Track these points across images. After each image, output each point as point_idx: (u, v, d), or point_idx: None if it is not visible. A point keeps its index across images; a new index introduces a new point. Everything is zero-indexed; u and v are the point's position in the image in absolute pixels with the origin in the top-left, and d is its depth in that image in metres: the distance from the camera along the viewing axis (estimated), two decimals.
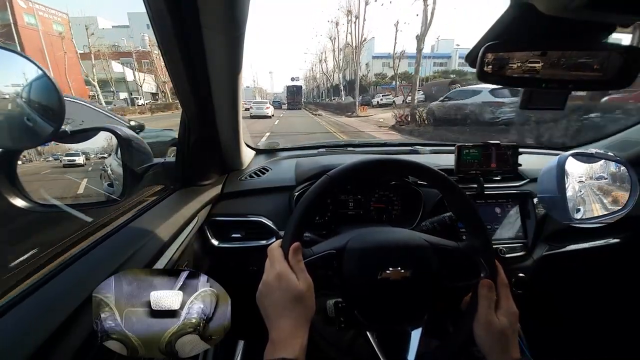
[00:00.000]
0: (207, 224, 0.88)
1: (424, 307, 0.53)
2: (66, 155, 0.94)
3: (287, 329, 0.42)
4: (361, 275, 0.50)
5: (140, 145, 0.69)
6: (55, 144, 0.98)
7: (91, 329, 0.39)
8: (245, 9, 0.53)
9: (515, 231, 0.97)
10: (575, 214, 0.81)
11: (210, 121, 0.79)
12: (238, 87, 0.72)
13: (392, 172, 0.92)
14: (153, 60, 29.57)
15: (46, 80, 0.47)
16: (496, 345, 0.46)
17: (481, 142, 0.94)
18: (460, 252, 0.54)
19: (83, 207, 0.69)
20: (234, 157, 0.99)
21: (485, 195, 0.95)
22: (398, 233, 0.57)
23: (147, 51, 31.46)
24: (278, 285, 0.44)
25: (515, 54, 0.42)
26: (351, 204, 0.97)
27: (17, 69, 0.46)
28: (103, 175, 0.80)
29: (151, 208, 0.73)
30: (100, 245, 0.55)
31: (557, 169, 0.79)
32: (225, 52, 0.61)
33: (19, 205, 0.57)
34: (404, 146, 1.34)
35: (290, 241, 0.47)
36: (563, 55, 0.41)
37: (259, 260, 0.53)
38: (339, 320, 0.59)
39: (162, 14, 0.52)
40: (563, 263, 1.03)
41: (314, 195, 0.50)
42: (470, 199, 0.53)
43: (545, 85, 0.43)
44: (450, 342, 0.52)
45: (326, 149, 1.34)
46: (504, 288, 0.49)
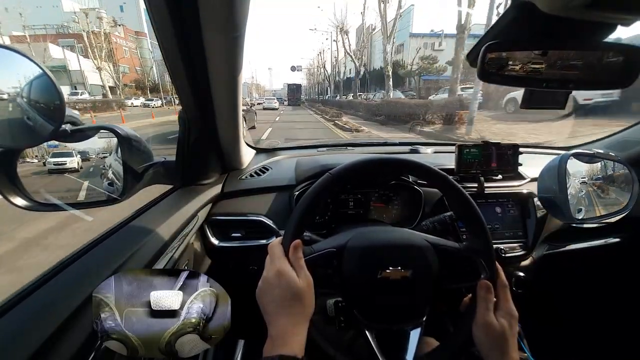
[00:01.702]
0: (207, 223, 0.88)
1: (424, 307, 0.53)
2: (52, 157, 0.68)
3: (286, 326, 0.42)
4: (361, 274, 0.50)
5: (140, 144, 0.69)
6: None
7: (91, 329, 0.39)
8: (245, 8, 0.53)
9: (515, 231, 0.97)
10: (577, 214, 0.81)
11: (210, 121, 0.79)
12: (238, 87, 0.72)
13: (392, 172, 0.92)
14: (112, 46, 23.46)
15: (46, 79, 0.47)
16: (495, 347, 0.46)
17: (481, 141, 0.95)
18: (460, 253, 0.54)
19: (83, 206, 0.69)
20: (234, 156, 0.99)
21: (486, 195, 0.95)
22: (398, 232, 0.57)
23: (105, 32, 24.67)
24: (278, 282, 0.44)
25: (516, 53, 0.42)
26: (351, 203, 0.97)
27: (17, 68, 0.46)
28: (103, 175, 0.80)
29: (151, 207, 0.73)
30: (100, 245, 0.55)
31: (558, 169, 0.79)
32: (225, 52, 0.60)
33: (19, 205, 0.57)
34: (404, 145, 1.34)
35: (291, 238, 0.47)
36: (564, 54, 0.41)
37: (259, 259, 0.53)
38: (339, 319, 0.59)
39: (162, 14, 0.52)
40: (563, 263, 1.03)
41: (314, 193, 0.50)
42: (471, 199, 0.53)
43: (545, 85, 0.43)
44: (449, 343, 0.52)
45: (327, 148, 1.34)
46: (504, 289, 0.49)
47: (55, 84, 0.48)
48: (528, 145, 1.27)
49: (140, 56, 40.56)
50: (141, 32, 43.12)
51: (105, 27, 25.93)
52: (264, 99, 31.29)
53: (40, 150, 0.69)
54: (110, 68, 25.88)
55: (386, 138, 4.31)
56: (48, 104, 0.49)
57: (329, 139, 7.07)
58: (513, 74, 0.42)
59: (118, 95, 26.84)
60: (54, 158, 0.68)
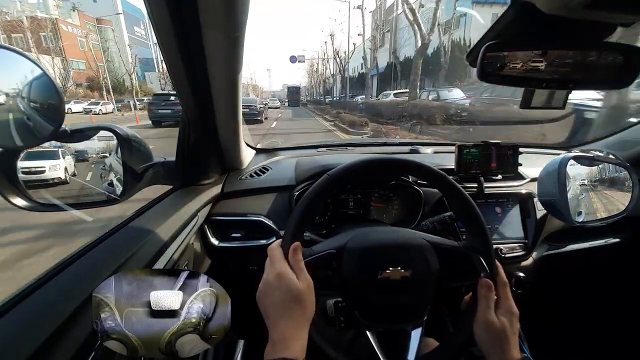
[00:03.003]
0: (207, 224, 0.88)
1: (424, 306, 0.53)
2: (26, 159, 0.50)
3: (287, 328, 0.41)
4: (361, 274, 0.50)
5: (140, 144, 0.69)
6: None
7: (91, 329, 0.39)
8: (245, 8, 0.53)
9: (515, 231, 0.97)
10: (577, 217, 0.81)
11: (210, 121, 0.79)
12: (238, 87, 0.72)
13: (392, 172, 0.92)
14: (60, 35, 17.02)
15: (46, 80, 0.47)
16: (496, 345, 0.46)
17: (481, 141, 0.95)
18: (460, 251, 0.54)
19: (83, 206, 0.69)
20: (234, 156, 0.99)
21: (486, 195, 0.95)
22: (398, 232, 0.57)
23: (51, 19, 18.75)
24: (278, 285, 0.43)
25: (516, 53, 0.42)
26: (351, 204, 0.97)
27: (17, 68, 0.46)
28: (103, 175, 0.80)
29: (151, 207, 0.73)
30: (100, 245, 0.55)
31: (558, 172, 0.79)
32: (226, 52, 0.60)
33: (19, 205, 0.57)
34: (404, 145, 1.34)
35: (290, 241, 0.47)
36: (563, 54, 0.41)
37: (259, 259, 0.53)
38: (339, 320, 0.59)
39: (162, 14, 0.52)
40: (563, 263, 1.03)
41: (314, 194, 0.50)
42: (471, 199, 0.53)
43: (545, 85, 0.43)
44: (450, 342, 0.52)
45: (326, 148, 1.34)
46: (504, 288, 0.49)
47: (55, 84, 0.48)
48: (528, 145, 1.26)
49: (104, 49, 33.56)
50: (104, 19, 36.14)
51: (53, 11, 20.65)
52: (268, 99, 35.45)
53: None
54: (59, 64, 20.16)
55: (386, 138, 4.28)
56: (48, 104, 0.49)
57: (329, 139, 7.11)
58: (513, 74, 0.42)
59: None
60: (28, 166, 0.44)
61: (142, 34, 52.26)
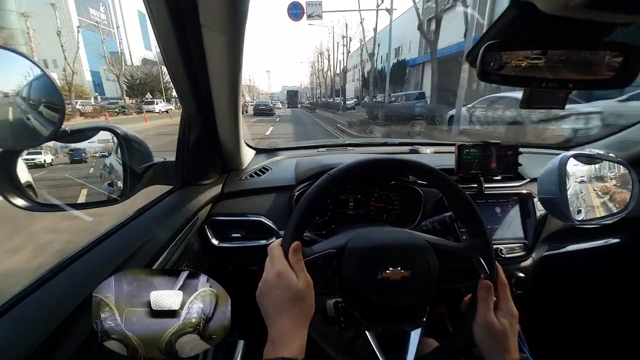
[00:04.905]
0: (207, 224, 0.88)
1: (424, 307, 0.53)
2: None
3: (287, 327, 0.42)
4: (361, 274, 0.50)
5: (140, 145, 0.69)
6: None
7: (91, 329, 0.39)
8: (245, 9, 0.53)
9: (515, 231, 0.97)
10: (577, 216, 0.81)
11: (210, 121, 0.79)
12: (238, 87, 0.72)
13: (392, 172, 0.92)
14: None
15: (46, 80, 0.47)
16: (496, 346, 0.46)
17: (481, 141, 0.94)
18: (460, 252, 0.54)
19: (83, 206, 0.69)
20: (234, 156, 0.99)
21: (486, 195, 0.95)
22: (398, 233, 0.57)
23: None
24: (278, 284, 0.44)
25: (516, 53, 0.42)
26: (351, 204, 0.97)
27: (17, 69, 0.46)
28: (103, 175, 0.80)
29: (151, 207, 0.73)
30: (99, 245, 0.55)
31: (558, 170, 0.79)
32: (225, 52, 0.61)
33: (19, 205, 0.57)
34: (404, 145, 1.34)
35: (291, 240, 0.47)
36: (563, 54, 0.41)
37: (259, 259, 0.53)
38: (339, 320, 0.59)
39: (162, 14, 0.52)
40: (563, 263, 1.03)
41: (314, 194, 0.50)
42: (471, 199, 0.53)
43: (545, 85, 0.43)
44: (450, 343, 0.52)
45: (326, 148, 1.34)
46: (504, 289, 0.49)
47: (55, 84, 0.48)
48: (528, 145, 1.26)
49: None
50: None
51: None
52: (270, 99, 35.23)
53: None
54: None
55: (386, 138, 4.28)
56: (48, 104, 0.49)
57: (329, 139, 7.10)
58: (513, 74, 0.42)
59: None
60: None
61: (103, 18, 41.58)
